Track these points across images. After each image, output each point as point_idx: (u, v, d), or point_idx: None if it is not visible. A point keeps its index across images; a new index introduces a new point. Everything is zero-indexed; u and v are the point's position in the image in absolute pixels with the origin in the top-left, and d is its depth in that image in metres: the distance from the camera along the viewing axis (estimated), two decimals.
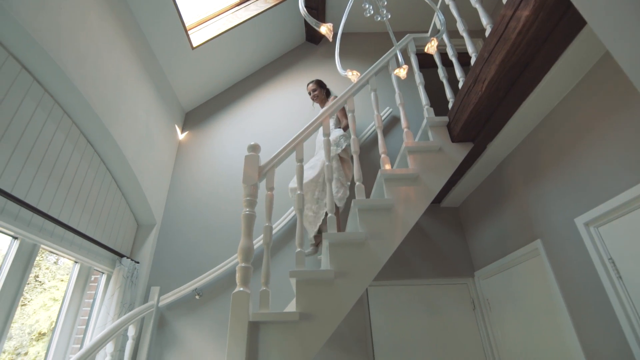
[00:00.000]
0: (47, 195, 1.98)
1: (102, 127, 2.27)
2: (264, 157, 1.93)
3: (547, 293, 1.99)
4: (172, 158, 3.40)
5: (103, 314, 2.34)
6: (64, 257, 2.27)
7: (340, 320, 1.60)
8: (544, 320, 2.03)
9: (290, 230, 2.93)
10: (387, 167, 2.01)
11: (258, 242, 2.68)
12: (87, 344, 1.85)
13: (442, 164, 2.04)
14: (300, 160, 1.94)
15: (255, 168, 1.82)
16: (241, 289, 1.53)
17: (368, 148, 3.33)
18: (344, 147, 2.64)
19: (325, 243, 1.76)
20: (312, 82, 3.22)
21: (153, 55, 3.06)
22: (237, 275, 1.58)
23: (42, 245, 2.00)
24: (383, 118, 3.43)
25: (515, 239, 2.25)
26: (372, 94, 2.24)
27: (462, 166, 2.38)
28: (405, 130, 2.13)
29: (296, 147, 1.97)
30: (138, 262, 2.75)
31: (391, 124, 3.48)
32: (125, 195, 2.79)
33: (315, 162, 2.70)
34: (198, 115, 3.72)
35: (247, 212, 1.70)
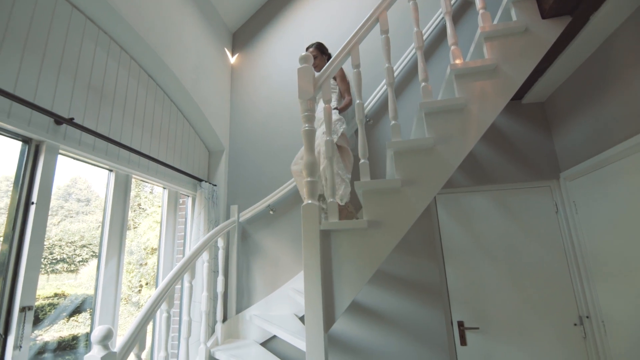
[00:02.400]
0: (126, 130, 2.15)
1: (157, 59, 2.30)
2: None
3: None
4: (228, 83, 3.40)
5: (195, 230, 2.68)
6: (153, 184, 2.56)
7: (408, 227, 1.59)
8: None
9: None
10: (458, 61, 1.74)
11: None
12: (187, 253, 2.16)
13: (528, 49, 1.70)
14: (357, 65, 1.77)
15: (309, 80, 1.71)
16: (310, 201, 1.57)
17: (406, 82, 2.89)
18: (340, 133, 2.26)
19: (389, 152, 1.68)
20: (312, 46, 2.69)
21: None
22: (305, 189, 1.62)
23: (133, 175, 2.25)
24: (453, 2, 2.88)
25: (618, 131, 1.90)
26: None
27: (553, 50, 1.97)
28: (480, 12, 1.77)
29: (351, 51, 1.78)
30: (215, 185, 3.01)
31: (458, 12, 2.92)
32: (192, 125, 2.94)
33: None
34: (245, 33, 3.56)
35: (307, 128, 1.65)
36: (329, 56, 2.73)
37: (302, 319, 2.49)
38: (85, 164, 1.96)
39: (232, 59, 3.50)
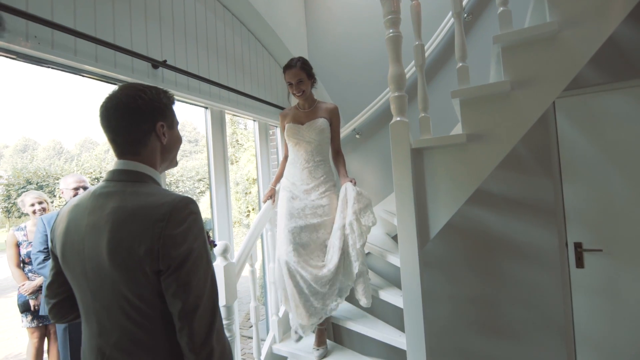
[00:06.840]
0: (213, 67, 2.23)
1: None
2: None
3: None
4: (301, 0, 3.18)
5: None
6: (244, 117, 2.69)
7: (517, 140, 1.37)
8: None
9: (446, 46, 2.48)
10: None
11: (410, 68, 2.41)
12: None
13: None
14: None
15: None
16: (398, 118, 1.45)
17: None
18: (373, 223, 1.87)
19: (496, 49, 1.38)
20: (295, 66, 1.95)
21: None
22: (392, 106, 1.48)
23: (226, 110, 2.39)
24: None
25: None
26: None
27: None
28: None
29: None
30: None
31: None
32: (271, 53, 2.90)
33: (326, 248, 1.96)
34: None
35: (392, 34, 1.45)
36: (314, 79, 2.08)
37: (395, 238, 2.54)
38: (186, 105, 2.14)
39: None
